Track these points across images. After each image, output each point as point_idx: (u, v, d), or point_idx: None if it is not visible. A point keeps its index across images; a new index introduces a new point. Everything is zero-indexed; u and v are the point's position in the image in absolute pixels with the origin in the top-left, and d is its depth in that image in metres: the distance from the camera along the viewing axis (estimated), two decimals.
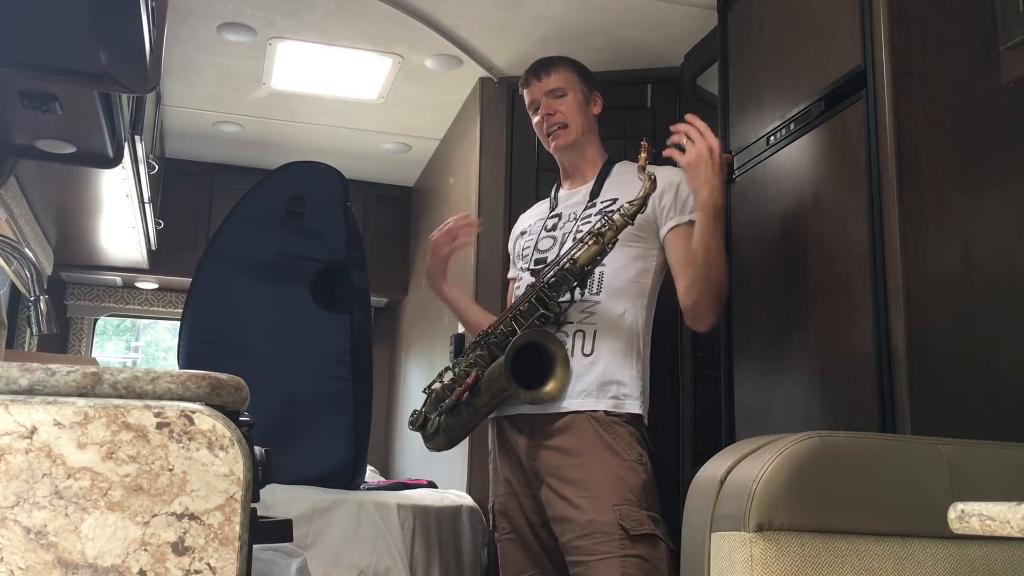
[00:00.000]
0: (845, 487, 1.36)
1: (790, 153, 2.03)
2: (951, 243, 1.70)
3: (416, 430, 2.20)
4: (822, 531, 1.33)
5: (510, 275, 2.43)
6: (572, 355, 2.03)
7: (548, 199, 2.35)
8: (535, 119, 2.29)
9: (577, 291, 2.00)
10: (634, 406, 2.02)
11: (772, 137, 2.09)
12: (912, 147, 1.72)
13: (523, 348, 1.95)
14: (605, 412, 2.00)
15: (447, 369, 2.15)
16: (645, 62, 3.17)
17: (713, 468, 1.44)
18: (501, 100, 3.36)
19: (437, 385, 2.14)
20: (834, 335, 1.83)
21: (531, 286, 2.05)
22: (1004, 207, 1.75)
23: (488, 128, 3.37)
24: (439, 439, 2.14)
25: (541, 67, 2.28)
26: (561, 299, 1.99)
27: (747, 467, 1.37)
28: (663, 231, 2.10)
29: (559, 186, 2.34)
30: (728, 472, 1.40)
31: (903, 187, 1.70)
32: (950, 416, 1.63)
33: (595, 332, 2.05)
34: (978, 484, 1.40)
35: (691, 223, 2.06)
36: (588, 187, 2.22)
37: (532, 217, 2.37)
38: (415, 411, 2.19)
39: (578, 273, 1.96)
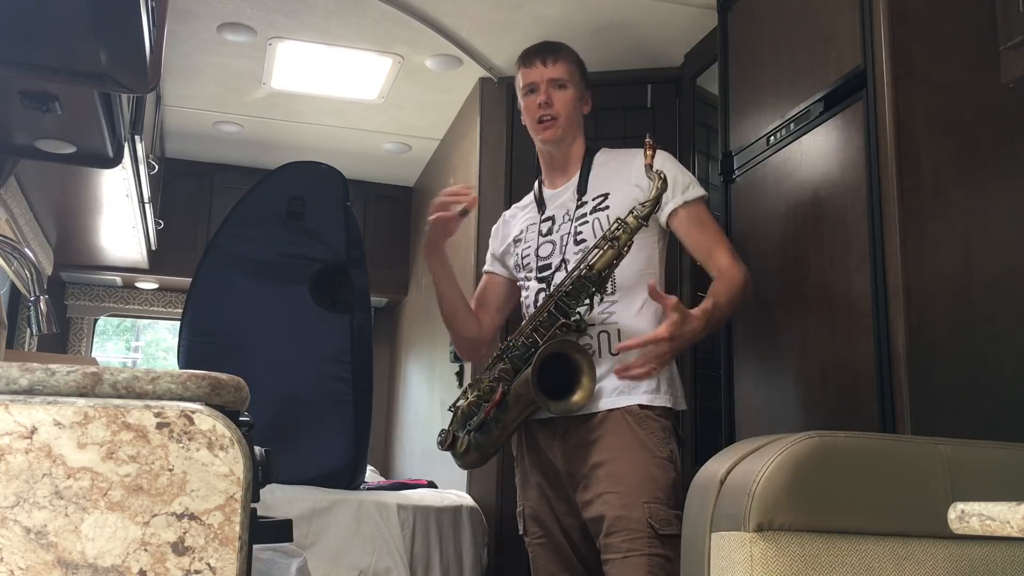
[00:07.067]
0: (845, 487, 1.36)
1: (790, 153, 2.03)
2: (951, 243, 1.70)
3: (446, 450, 2.17)
4: (822, 531, 1.33)
5: (489, 268, 2.39)
6: (600, 355, 2.03)
7: (532, 199, 2.31)
8: (526, 100, 2.23)
9: (596, 296, 1.99)
10: (665, 399, 2.02)
11: (772, 137, 2.09)
12: (912, 147, 1.72)
13: (548, 359, 1.94)
14: (639, 406, 1.99)
15: (470, 386, 2.13)
16: (645, 62, 3.17)
17: (713, 468, 1.44)
18: (501, 100, 3.36)
19: (462, 403, 2.13)
20: (834, 335, 1.83)
21: (549, 296, 2.04)
22: (1004, 207, 1.75)
23: (488, 128, 3.37)
24: (471, 456, 2.12)
25: (548, 52, 2.23)
26: (580, 307, 1.98)
27: (747, 467, 1.37)
28: (663, 217, 2.08)
29: (541, 184, 2.31)
30: (728, 472, 1.40)
31: (903, 187, 1.70)
32: (950, 416, 1.63)
33: (619, 330, 2.05)
34: (978, 484, 1.40)
35: (687, 203, 2.06)
36: (573, 183, 2.20)
37: (521, 220, 2.32)
38: (443, 431, 2.16)
39: (595, 279, 1.95)
